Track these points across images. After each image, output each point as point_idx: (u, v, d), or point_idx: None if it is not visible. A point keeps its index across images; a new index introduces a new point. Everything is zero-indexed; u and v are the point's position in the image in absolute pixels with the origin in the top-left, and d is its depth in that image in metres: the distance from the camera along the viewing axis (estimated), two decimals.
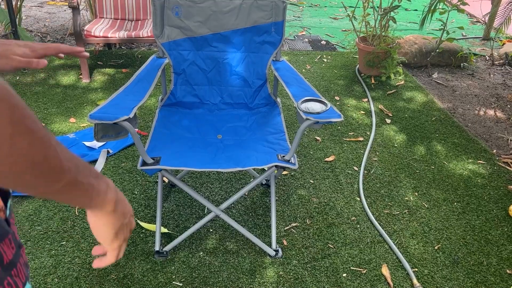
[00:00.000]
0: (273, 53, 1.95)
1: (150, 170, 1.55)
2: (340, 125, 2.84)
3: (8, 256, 0.63)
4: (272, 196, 1.83)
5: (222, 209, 1.74)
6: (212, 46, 1.95)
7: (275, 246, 1.82)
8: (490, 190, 2.29)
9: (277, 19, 1.89)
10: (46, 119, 2.72)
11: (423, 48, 3.79)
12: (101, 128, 1.47)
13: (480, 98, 3.34)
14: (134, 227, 0.87)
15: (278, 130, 1.82)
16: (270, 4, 1.86)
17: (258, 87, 2.00)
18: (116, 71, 3.45)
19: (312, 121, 1.45)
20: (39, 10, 4.83)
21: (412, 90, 3.37)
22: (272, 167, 1.63)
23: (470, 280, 1.77)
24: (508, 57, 3.97)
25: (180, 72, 1.97)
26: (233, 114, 1.97)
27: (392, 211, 2.12)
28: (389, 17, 3.36)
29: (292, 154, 1.59)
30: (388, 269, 1.80)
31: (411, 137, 2.74)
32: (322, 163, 2.44)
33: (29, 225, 1.92)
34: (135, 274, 1.72)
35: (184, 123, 1.87)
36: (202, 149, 1.70)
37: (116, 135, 1.53)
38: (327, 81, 3.45)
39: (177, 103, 1.98)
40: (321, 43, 4.33)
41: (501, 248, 1.94)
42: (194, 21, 1.89)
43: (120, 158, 2.40)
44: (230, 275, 1.74)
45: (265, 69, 1.97)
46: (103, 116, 1.40)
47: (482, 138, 2.80)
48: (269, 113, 1.96)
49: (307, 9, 5.57)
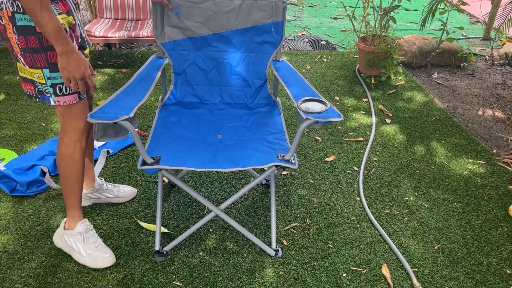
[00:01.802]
0: (273, 53, 1.95)
1: (150, 170, 1.55)
2: (340, 125, 2.84)
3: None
4: (272, 196, 1.83)
5: (222, 209, 1.74)
6: (212, 46, 1.95)
7: (275, 246, 1.83)
8: (490, 190, 2.29)
9: (277, 19, 1.89)
10: (46, 119, 2.72)
11: (423, 48, 3.79)
12: (101, 127, 1.47)
13: (480, 98, 3.35)
14: (86, 75, 1.45)
15: (278, 130, 1.82)
16: (270, 4, 1.86)
17: (258, 87, 2.00)
18: (116, 71, 3.45)
19: (312, 121, 1.45)
20: None
21: (412, 90, 3.37)
22: (272, 167, 1.63)
23: (470, 280, 1.77)
24: (508, 57, 3.97)
25: (180, 72, 1.97)
26: (233, 114, 1.98)
27: (392, 211, 2.12)
28: (389, 17, 3.36)
29: (292, 153, 1.59)
30: (388, 269, 1.80)
31: (411, 137, 2.74)
32: (322, 163, 2.44)
33: (29, 225, 1.92)
34: (135, 274, 1.72)
35: (184, 123, 1.87)
36: (202, 149, 1.70)
37: (116, 135, 1.53)
38: (327, 81, 3.45)
39: (177, 103, 1.98)
40: (321, 43, 4.33)
41: (501, 248, 1.94)
42: (194, 22, 1.89)
43: (120, 158, 2.40)
44: (230, 275, 1.74)
45: (265, 69, 1.97)
46: (103, 115, 1.40)
47: (482, 138, 2.80)
48: (269, 113, 1.96)
49: (307, 9, 5.57)
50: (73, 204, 1.70)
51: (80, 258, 1.72)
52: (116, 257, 1.79)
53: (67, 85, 1.44)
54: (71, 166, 1.63)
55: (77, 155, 1.62)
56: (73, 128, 1.57)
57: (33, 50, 1.41)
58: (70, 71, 1.40)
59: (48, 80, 1.47)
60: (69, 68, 1.40)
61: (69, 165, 1.63)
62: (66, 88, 1.50)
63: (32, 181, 2.09)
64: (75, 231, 1.72)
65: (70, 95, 1.51)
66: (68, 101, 1.52)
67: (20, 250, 1.80)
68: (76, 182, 1.67)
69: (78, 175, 1.66)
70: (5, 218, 1.95)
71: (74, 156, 1.61)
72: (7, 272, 1.70)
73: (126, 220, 1.98)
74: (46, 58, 1.43)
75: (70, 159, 1.61)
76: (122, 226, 1.94)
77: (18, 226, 1.91)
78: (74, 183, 1.66)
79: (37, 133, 2.58)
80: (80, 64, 1.41)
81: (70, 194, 1.68)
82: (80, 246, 1.72)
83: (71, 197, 1.69)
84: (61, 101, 1.51)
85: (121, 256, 1.80)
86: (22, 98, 2.95)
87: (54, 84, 1.48)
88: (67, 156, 1.61)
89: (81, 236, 1.72)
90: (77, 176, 1.66)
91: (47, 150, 2.33)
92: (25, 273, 1.70)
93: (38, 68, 1.44)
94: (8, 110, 2.80)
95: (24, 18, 1.35)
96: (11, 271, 1.71)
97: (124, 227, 1.94)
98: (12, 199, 2.06)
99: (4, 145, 2.46)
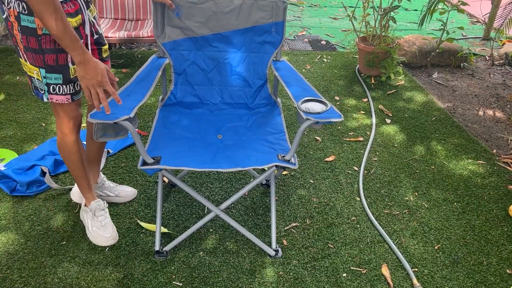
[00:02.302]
0: (274, 53, 1.95)
1: (150, 170, 1.55)
2: (340, 125, 2.84)
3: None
4: (272, 196, 1.83)
5: (222, 209, 1.74)
6: (212, 46, 1.95)
7: (275, 246, 1.83)
8: (490, 190, 2.30)
9: (278, 19, 1.89)
10: (46, 119, 2.72)
11: (423, 48, 3.79)
12: (100, 127, 1.47)
13: (480, 98, 3.35)
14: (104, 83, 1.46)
15: (278, 130, 1.82)
16: (271, 4, 1.86)
17: (259, 87, 2.00)
18: (116, 71, 3.45)
19: (313, 121, 1.45)
20: None
21: (412, 90, 3.37)
22: (272, 167, 1.63)
23: (470, 280, 1.77)
24: (508, 57, 3.98)
25: (180, 72, 1.97)
26: (233, 114, 1.98)
27: (392, 211, 2.12)
28: (389, 17, 3.36)
29: (292, 154, 1.59)
30: (388, 269, 1.80)
31: (411, 137, 2.74)
32: (322, 163, 2.44)
33: (29, 225, 1.92)
34: (135, 274, 1.72)
35: (184, 123, 1.87)
36: (202, 149, 1.70)
37: (116, 135, 1.54)
38: (327, 81, 3.45)
39: (177, 103, 1.98)
40: (321, 43, 4.33)
41: (501, 248, 1.94)
42: (195, 22, 1.89)
43: (120, 158, 2.40)
44: (230, 275, 1.74)
45: (266, 69, 1.97)
46: (103, 116, 1.40)
47: (482, 138, 2.80)
48: (269, 113, 1.96)
49: (307, 9, 5.57)
50: (83, 186, 1.84)
51: (88, 234, 1.86)
52: (116, 257, 1.79)
53: (87, 95, 1.46)
54: (68, 155, 1.73)
55: (71, 146, 1.71)
56: (64, 123, 1.66)
57: (33, 50, 1.49)
58: (89, 80, 1.44)
59: (44, 79, 1.54)
60: (87, 77, 1.43)
61: (66, 154, 1.73)
62: (60, 88, 1.57)
63: (32, 181, 2.09)
64: (88, 208, 1.87)
65: (63, 96, 1.59)
66: (60, 100, 1.60)
67: (20, 250, 1.80)
68: (78, 169, 1.78)
69: (76, 164, 1.76)
70: (5, 218, 1.95)
71: (69, 147, 1.71)
72: (7, 272, 1.70)
73: (126, 220, 1.98)
74: (43, 59, 1.50)
75: (65, 148, 1.72)
76: (122, 226, 1.94)
77: (18, 226, 1.91)
78: (76, 169, 1.78)
79: (37, 133, 2.58)
80: (98, 73, 1.44)
81: (77, 178, 1.81)
82: (90, 222, 1.85)
83: (79, 180, 1.82)
84: (53, 99, 1.59)
85: (121, 256, 1.80)
86: (22, 98, 2.95)
87: (49, 83, 1.56)
88: (63, 146, 1.71)
89: (91, 213, 1.85)
90: (76, 164, 1.76)
91: (47, 150, 2.32)
92: (25, 273, 1.70)
93: (36, 66, 1.52)
94: (8, 110, 2.80)
95: (28, 19, 1.43)
96: (11, 271, 1.71)
97: (124, 227, 1.94)
98: (12, 199, 2.06)
99: (4, 145, 2.46)
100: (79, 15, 1.52)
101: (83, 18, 1.54)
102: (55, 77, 1.54)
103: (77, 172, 1.79)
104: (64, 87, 1.57)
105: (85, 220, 1.89)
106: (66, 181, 2.20)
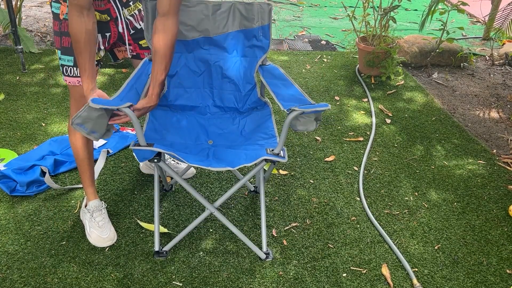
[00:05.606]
0: (262, 57, 1.93)
1: (141, 155, 1.56)
2: (340, 125, 2.84)
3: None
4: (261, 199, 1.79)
5: (216, 207, 1.74)
6: (203, 49, 1.94)
7: (265, 249, 1.82)
8: (490, 190, 2.30)
9: (263, 22, 1.88)
10: (46, 119, 2.72)
11: (423, 48, 3.79)
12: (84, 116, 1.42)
13: (480, 98, 3.35)
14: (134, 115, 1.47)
15: (270, 135, 1.82)
16: (256, 7, 1.85)
17: (248, 91, 1.98)
18: (115, 71, 3.45)
19: (298, 112, 1.45)
20: (39, 10, 4.83)
21: (412, 90, 3.37)
22: (262, 162, 1.64)
23: (470, 280, 1.77)
24: (508, 57, 3.98)
25: (172, 74, 1.96)
26: (224, 117, 1.97)
27: (392, 211, 2.12)
28: (389, 17, 3.36)
29: (281, 147, 1.59)
30: (388, 269, 1.80)
31: (411, 137, 2.74)
32: (322, 163, 2.44)
33: (29, 225, 1.92)
34: (135, 274, 1.72)
35: (175, 127, 1.88)
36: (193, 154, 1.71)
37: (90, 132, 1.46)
38: (327, 81, 3.45)
39: (169, 105, 1.97)
40: (321, 43, 4.33)
41: (501, 248, 1.94)
42: (186, 25, 1.88)
43: (120, 158, 2.40)
44: (230, 275, 1.74)
45: (254, 73, 1.96)
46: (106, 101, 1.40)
47: (482, 138, 2.80)
48: (260, 117, 1.94)
49: (307, 9, 5.57)
50: (85, 181, 1.88)
51: (86, 234, 1.87)
52: (116, 257, 1.79)
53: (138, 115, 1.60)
54: (74, 139, 1.79)
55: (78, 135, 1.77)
56: (75, 106, 1.74)
57: (55, 32, 1.65)
58: (148, 109, 1.63)
59: (60, 60, 1.68)
60: (148, 108, 1.64)
61: (73, 139, 1.79)
62: (71, 70, 1.66)
63: (32, 181, 2.09)
64: (86, 209, 1.89)
65: (74, 78, 1.68)
66: (72, 82, 1.69)
67: (20, 250, 1.80)
68: (83, 161, 1.83)
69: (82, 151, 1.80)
70: (5, 218, 1.95)
71: (76, 135, 1.77)
72: (7, 272, 1.70)
73: (126, 220, 1.98)
74: (60, 41, 1.64)
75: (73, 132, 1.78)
76: (122, 226, 1.94)
77: (18, 226, 1.91)
78: (81, 161, 1.83)
79: (37, 133, 2.58)
80: (152, 106, 1.65)
81: (81, 171, 1.86)
82: (88, 222, 1.87)
83: (82, 174, 1.86)
84: (67, 81, 1.69)
85: (121, 256, 1.80)
86: (22, 98, 2.95)
87: (63, 65, 1.67)
88: (71, 130, 1.77)
89: (89, 213, 1.86)
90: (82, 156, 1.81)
91: (47, 150, 2.33)
92: (25, 273, 1.70)
93: (57, 49, 1.67)
94: (8, 110, 2.80)
95: (54, 6, 1.60)
96: (11, 271, 1.71)
97: (124, 227, 1.94)
98: (12, 199, 2.06)
99: (4, 145, 2.46)
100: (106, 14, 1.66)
101: (114, 16, 1.68)
102: (68, 59, 1.65)
103: (82, 164, 1.83)
104: (75, 69, 1.66)
105: (84, 220, 1.90)
106: (66, 181, 2.21)
